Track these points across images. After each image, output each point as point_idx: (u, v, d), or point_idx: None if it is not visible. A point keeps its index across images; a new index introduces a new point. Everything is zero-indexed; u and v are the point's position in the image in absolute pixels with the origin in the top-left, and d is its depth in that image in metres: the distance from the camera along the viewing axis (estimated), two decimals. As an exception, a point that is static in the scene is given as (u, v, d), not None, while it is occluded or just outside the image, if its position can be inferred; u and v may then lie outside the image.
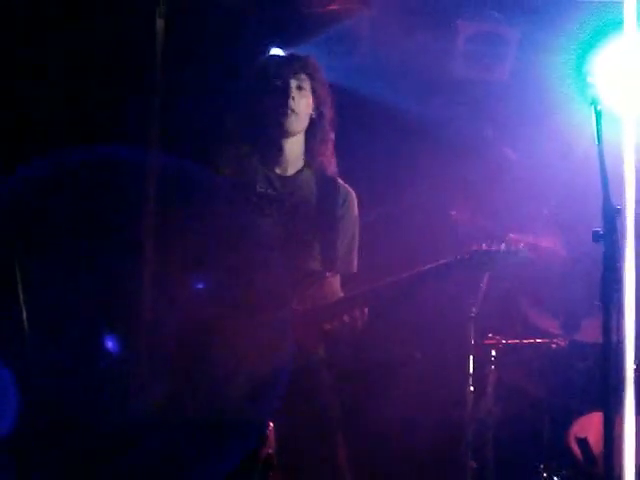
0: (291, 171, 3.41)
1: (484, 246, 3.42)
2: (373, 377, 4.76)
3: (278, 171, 3.39)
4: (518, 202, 4.33)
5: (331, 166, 3.46)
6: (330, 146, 3.46)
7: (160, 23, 4.71)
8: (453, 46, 4.73)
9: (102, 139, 4.12)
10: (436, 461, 4.64)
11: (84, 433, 3.29)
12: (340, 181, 3.48)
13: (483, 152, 4.60)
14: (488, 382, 4.39)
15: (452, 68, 4.76)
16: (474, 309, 4.27)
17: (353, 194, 3.49)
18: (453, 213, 4.24)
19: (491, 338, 4.47)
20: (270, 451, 3.03)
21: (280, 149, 3.39)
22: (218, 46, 4.69)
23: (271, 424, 3.06)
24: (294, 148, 3.40)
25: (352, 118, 4.43)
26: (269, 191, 3.34)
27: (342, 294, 3.41)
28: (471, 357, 4.30)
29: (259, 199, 3.32)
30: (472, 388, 4.30)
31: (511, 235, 3.64)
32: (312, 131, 3.42)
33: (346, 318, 3.25)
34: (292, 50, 4.72)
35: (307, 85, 3.39)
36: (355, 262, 3.49)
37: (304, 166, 3.43)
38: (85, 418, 3.43)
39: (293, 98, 3.34)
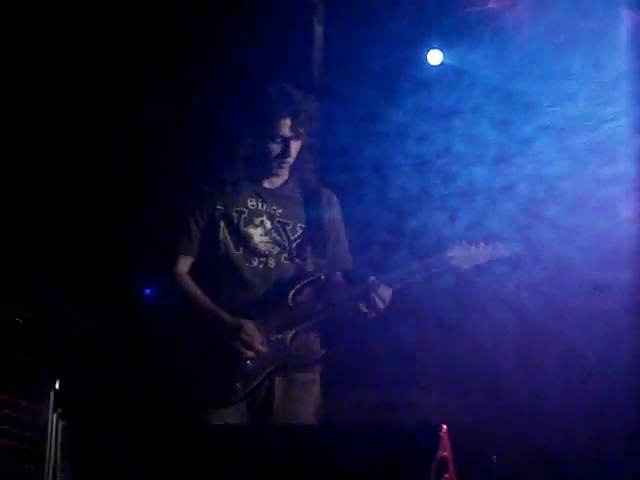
0: (278, 184, 3.65)
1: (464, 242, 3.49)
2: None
3: (266, 185, 3.63)
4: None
5: (313, 178, 3.69)
6: (312, 165, 3.67)
7: (319, 29, 4.87)
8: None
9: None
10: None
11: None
12: (322, 188, 3.71)
13: None
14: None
15: None
16: None
17: (335, 197, 3.71)
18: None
19: None
20: (445, 454, 2.99)
21: (271, 172, 3.63)
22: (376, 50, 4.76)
23: (444, 426, 3.02)
24: (282, 169, 3.63)
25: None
26: (259, 204, 3.59)
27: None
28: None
29: (250, 212, 3.57)
30: None
31: None
32: (298, 155, 3.63)
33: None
34: (452, 51, 4.80)
35: (303, 129, 3.54)
36: (350, 259, 3.69)
37: (289, 178, 3.66)
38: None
39: (290, 149, 3.54)
